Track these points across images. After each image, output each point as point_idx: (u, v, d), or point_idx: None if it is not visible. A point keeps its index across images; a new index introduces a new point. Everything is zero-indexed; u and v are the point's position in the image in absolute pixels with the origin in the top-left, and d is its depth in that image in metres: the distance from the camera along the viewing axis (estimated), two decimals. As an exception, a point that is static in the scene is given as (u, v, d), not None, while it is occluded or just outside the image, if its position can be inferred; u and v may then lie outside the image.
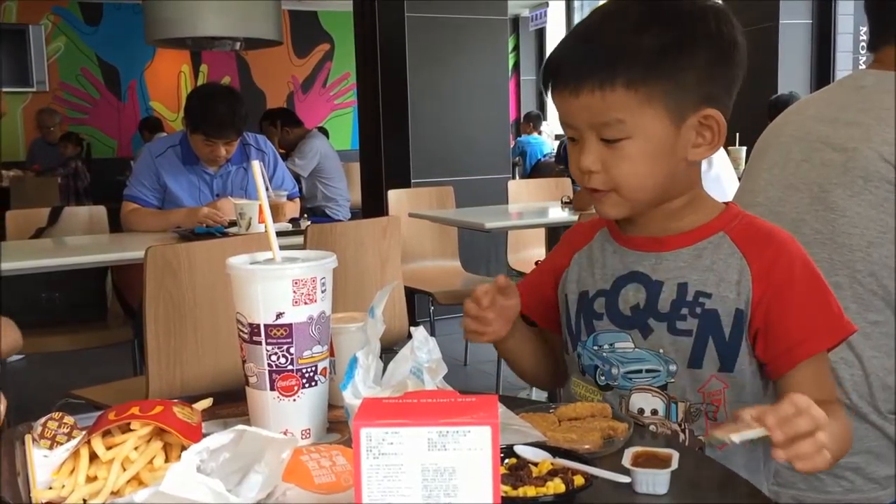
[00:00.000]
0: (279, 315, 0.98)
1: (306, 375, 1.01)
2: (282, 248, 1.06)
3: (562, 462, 0.87)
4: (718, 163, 2.94)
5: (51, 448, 0.98)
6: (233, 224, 2.91)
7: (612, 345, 1.15)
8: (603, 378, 1.16)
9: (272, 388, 1.00)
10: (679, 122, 1.06)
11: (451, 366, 0.98)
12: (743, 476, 0.93)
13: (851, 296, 1.29)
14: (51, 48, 8.99)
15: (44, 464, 0.94)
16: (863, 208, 1.29)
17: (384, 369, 0.99)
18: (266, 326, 0.99)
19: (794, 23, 5.80)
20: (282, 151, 4.92)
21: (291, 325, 0.99)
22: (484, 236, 4.32)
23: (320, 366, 1.02)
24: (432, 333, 0.99)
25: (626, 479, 0.86)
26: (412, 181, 5.04)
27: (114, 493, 0.84)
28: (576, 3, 10.26)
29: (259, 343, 0.99)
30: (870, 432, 1.32)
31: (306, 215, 3.41)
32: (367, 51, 5.17)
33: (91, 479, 0.86)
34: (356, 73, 5.48)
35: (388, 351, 0.99)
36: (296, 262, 1.03)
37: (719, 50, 1.07)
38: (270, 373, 1.00)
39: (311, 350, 1.01)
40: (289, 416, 1.01)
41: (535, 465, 0.87)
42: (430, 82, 5.16)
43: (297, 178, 4.79)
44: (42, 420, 1.01)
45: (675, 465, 0.86)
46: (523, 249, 4.30)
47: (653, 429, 1.11)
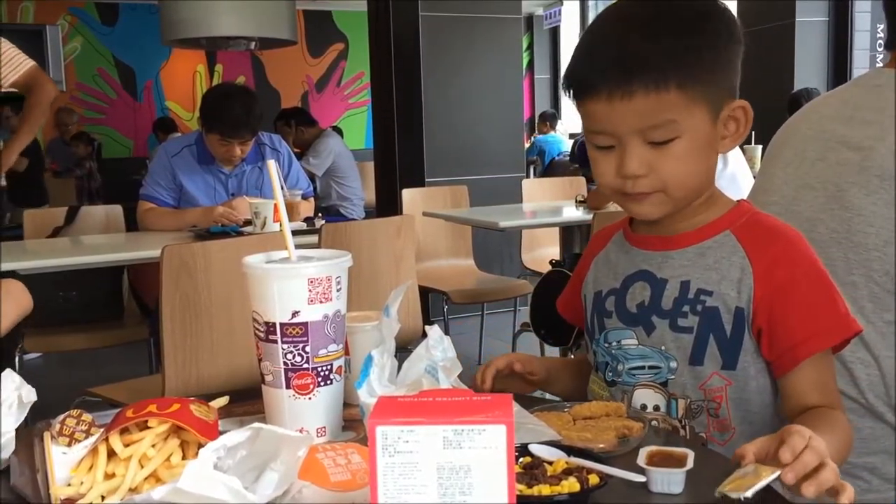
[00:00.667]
0: (295, 314, 0.99)
1: (322, 374, 1.01)
2: (296, 247, 1.07)
3: (576, 461, 0.87)
4: (734, 161, 2.92)
5: (69, 445, 0.99)
6: (248, 223, 2.93)
7: (619, 342, 1.17)
8: (610, 374, 1.17)
9: (288, 387, 1.01)
10: (716, 116, 1.08)
11: (465, 365, 0.98)
12: None
13: (868, 295, 1.29)
14: (67, 48, 9.05)
15: (62, 461, 0.95)
16: (879, 207, 1.28)
17: (399, 368, 0.99)
18: (282, 325, 0.99)
19: (811, 20, 5.77)
20: (296, 151, 4.93)
21: (307, 323, 0.99)
22: (498, 235, 4.32)
23: (335, 364, 1.03)
24: (446, 332, 0.99)
25: (641, 479, 0.85)
26: (426, 180, 5.05)
27: (132, 490, 0.85)
28: (590, 2, 10.24)
29: (275, 341, 1.00)
30: (886, 432, 1.31)
31: (321, 214, 3.42)
32: (382, 50, 5.18)
33: (109, 476, 0.87)
34: (370, 73, 5.49)
35: (403, 350, 0.99)
36: (311, 261, 1.04)
37: (736, 43, 1.10)
38: (286, 371, 1.01)
39: (326, 349, 1.01)
40: (304, 414, 1.02)
41: (550, 463, 0.87)
42: (444, 81, 5.16)
43: (312, 177, 4.80)
44: (60, 417, 1.02)
45: (690, 464, 0.86)
46: (537, 248, 4.29)
47: (654, 424, 1.11)
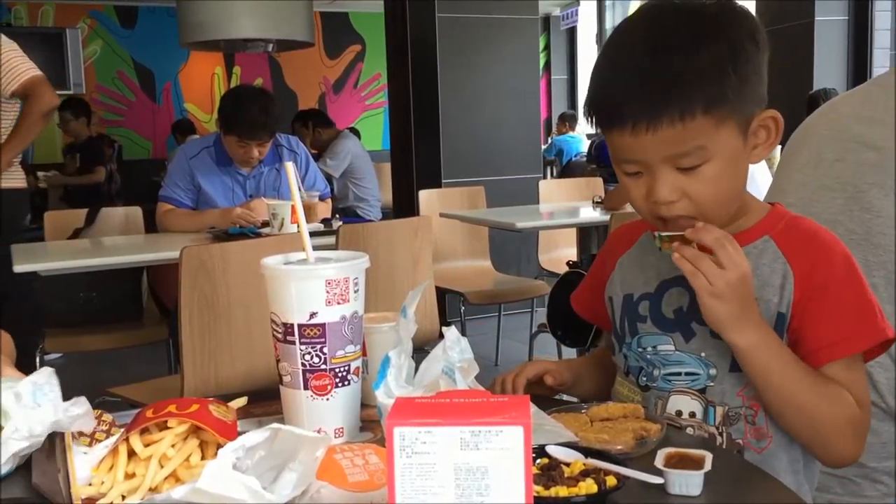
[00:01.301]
0: (312, 315, 0.99)
1: (339, 375, 1.02)
2: (314, 248, 1.07)
3: (594, 462, 0.87)
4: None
5: (90, 445, 1.00)
6: (265, 225, 2.94)
7: (655, 347, 1.15)
8: (644, 379, 1.16)
9: (306, 387, 1.01)
10: (745, 130, 1.06)
11: (482, 366, 0.98)
12: (786, 478, 0.92)
13: (887, 297, 1.27)
14: (87, 51, 9.13)
15: (83, 461, 0.96)
16: None
17: (416, 369, 0.99)
18: (300, 326, 1.00)
19: (830, 19, 5.72)
20: (314, 152, 4.95)
21: (325, 324, 1.00)
22: (515, 236, 4.32)
23: (353, 365, 1.03)
24: (463, 333, 0.99)
25: (658, 480, 0.85)
26: (443, 181, 5.05)
27: (152, 490, 0.86)
28: (607, 3, 10.21)
29: (293, 342, 1.00)
30: (906, 436, 1.30)
31: (338, 216, 3.43)
32: (398, 51, 5.19)
33: (129, 476, 0.88)
34: (387, 74, 5.51)
35: (420, 351, 0.99)
36: (329, 263, 1.04)
37: (761, 51, 1.06)
38: (304, 372, 1.01)
39: (344, 349, 1.02)
40: (322, 414, 1.02)
41: (567, 465, 0.87)
42: (461, 82, 5.16)
43: (329, 178, 4.82)
44: (82, 417, 1.03)
45: (708, 466, 0.86)
46: (554, 249, 4.29)
47: (690, 431, 1.11)
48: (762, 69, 1.07)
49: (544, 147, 8.49)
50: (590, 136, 9.42)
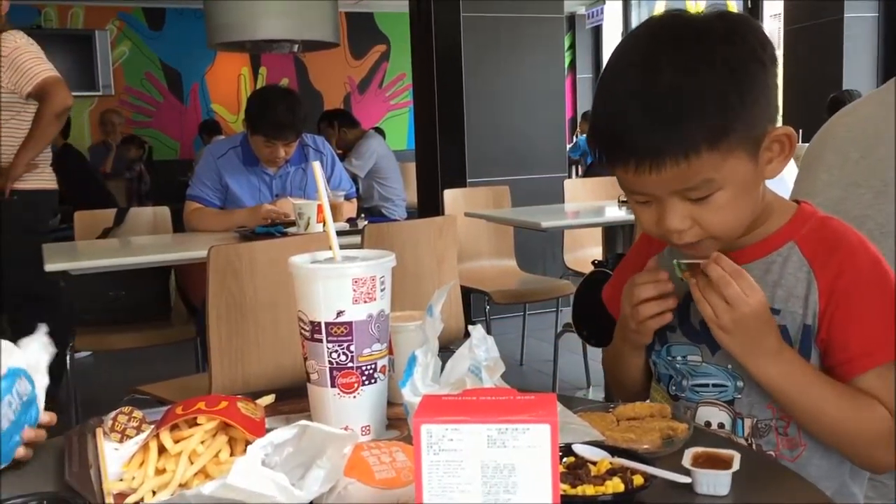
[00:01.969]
0: (339, 313, 1.00)
1: (366, 373, 1.02)
2: (340, 247, 1.08)
3: (621, 461, 0.87)
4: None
5: (121, 441, 1.02)
6: (291, 224, 2.96)
7: (685, 357, 1.15)
8: (673, 388, 1.16)
9: (333, 385, 1.02)
10: (756, 153, 1.02)
11: (507, 365, 0.98)
12: (826, 483, 0.91)
13: None
14: (116, 53, 9.23)
15: (114, 456, 0.97)
16: None
17: (442, 367, 0.99)
18: (327, 324, 1.00)
19: (860, 16, 5.64)
20: (339, 152, 4.98)
21: (352, 323, 1.00)
22: (540, 236, 4.30)
23: (380, 363, 1.04)
24: (488, 333, 0.99)
25: (686, 480, 0.85)
26: (468, 181, 5.05)
27: (182, 486, 0.87)
28: (633, 1, 10.15)
29: (320, 341, 1.01)
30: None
31: (363, 215, 3.45)
32: (423, 51, 5.20)
33: (160, 472, 0.89)
34: (412, 74, 5.52)
35: (445, 350, 1.00)
36: (355, 261, 1.05)
37: (764, 66, 1.01)
38: (331, 370, 1.02)
39: (370, 348, 1.02)
40: (349, 412, 1.03)
41: (594, 464, 0.87)
42: (486, 81, 5.16)
43: (354, 178, 4.84)
44: (112, 414, 1.05)
45: (736, 466, 0.85)
46: (580, 249, 4.27)
47: None
48: (771, 85, 1.01)
49: (569, 146, 8.46)
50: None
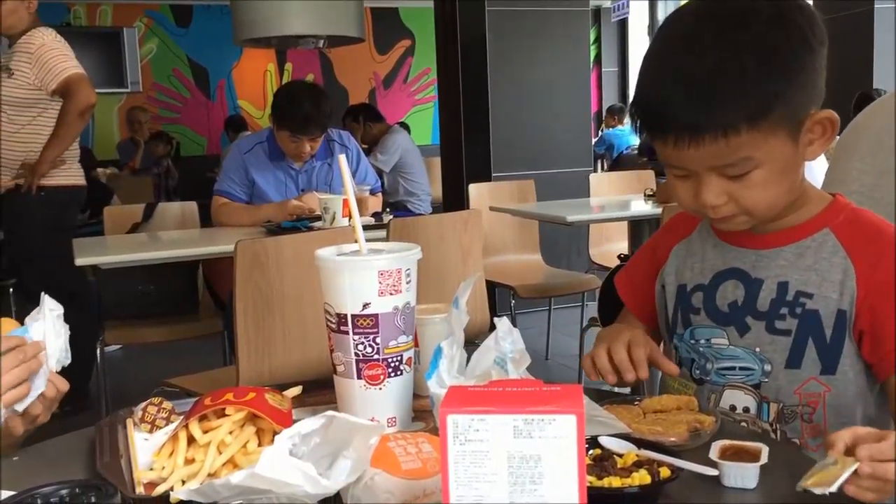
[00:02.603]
0: (366, 305, 1.01)
1: (392, 365, 1.03)
2: (365, 240, 1.09)
3: (647, 454, 0.86)
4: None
5: (151, 432, 1.03)
6: (317, 219, 2.97)
7: (709, 340, 1.14)
8: (697, 372, 1.15)
9: (359, 377, 1.03)
10: (797, 134, 1.02)
11: (532, 360, 0.98)
12: None
13: None
14: (144, 50, 9.32)
15: (144, 446, 0.99)
16: None
17: (467, 360, 1.00)
18: (353, 316, 1.01)
19: (891, 6, 5.54)
20: (364, 147, 4.99)
21: (377, 315, 1.01)
22: (565, 230, 4.30)
23: (405, 356, 1.04)
24: (513, 326, 0.99)
25: (713, 472, 0.84)
26: (493, 175, 5.05)
27: (210, 475, 0.88)
28: (659, -6, 10.06)
29: (346, 333, 1.02)
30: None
31: (388, 209, 3.45)
32: (448, 45, 5.19)
33: (189, 462, 0.90)
34: (437, 68, 5.51)
35: (470, 344, 1.00)
36: (381, 254, 1.05)
37: (811, 45, 1.00)
38: (357, 362, 1.02)
39: (396, 340, 1.03)
40: (375, 404, 1.03)
41: (620, 456, 0.87)
42: (511, 76, 5.14)
43: (380, 173, 4.85)
44: (142, 405, 1.06)
45: (764, 458, 0.85)
46: (605, 243, 4.26)
47: (743, 426, 1.10)
48: (818, 67, 1.01)
49: (595, 140, 8.42)
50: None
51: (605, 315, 2.11)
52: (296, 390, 1.08)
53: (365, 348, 1.02)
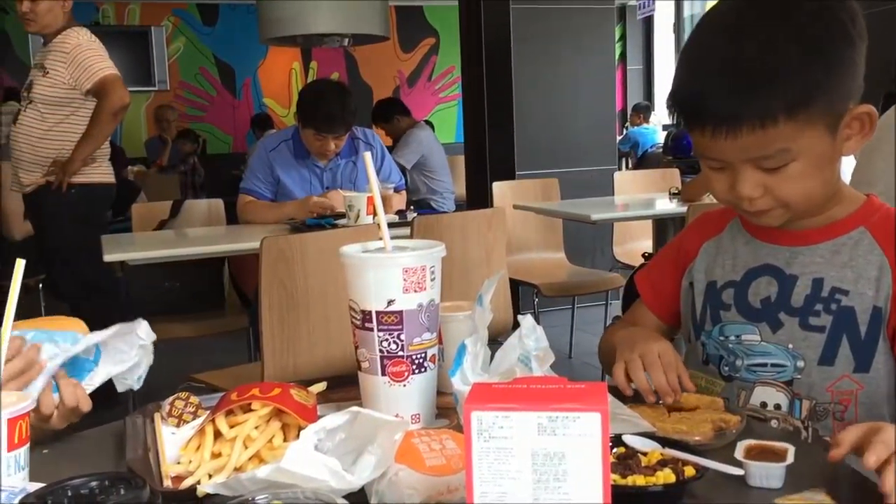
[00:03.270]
0: (390, 302, 1.01)
1: (416, 361, 1.03)
2: (390, 238, 1.09)
3: (671, 452, 0.86)
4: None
5: (178, 426, 1.05)
6: (341, 216, 2.99)
7: (739, 336, 1.14)
8: (726, 369, 1.15)
9: (383, 374, 1.03)
10: (836, 128, 1.02)
11: (555, 358, 0.98)
12: None
13: None
14: (171, 49, 9.40)
15: (172, 440, 1.00)
16: None
17: (491, 358, 1.00)
18: (378, 313, 1.01)
19: (922, 2, 5.46)
20: (388, 144, 5.00)
21: (402, 312, 1.01)
22: (589, 228, 4.27)
23: (429, 352, 1.05)
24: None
25: (738, 472, 0.84)
26: (517, 173, 5.03)
27: (237, 469, 0.89)
28: (686, -9, 9.99)
29: (371, 329, 1.02)
30: None
31: (412, 207, 3.46)
32: (472, 43, 5.19)
33: (215, 456, 0.91)
34: (461, 66, 5.51)
35: (493, 342, 1.00)
36: (406, 251, 1.06)
37: (853, 39, 1.00)
38: (382, 358, 1.03)
39: (420, 337, 1.03)
40: (399, 400, 1.04)
41: (644, 454, 0.86)
42: (536, 73, 5.13)
43: (403, 170, 4.85)
44: (170, 399, 1.08)
45: (790, 458, 0.84)
46: (629, 241, 4.24)
47: (774, 423, 1.09)
48: (858, 62, 1.01)
49: (619, 139, 8.38)
50: (666, 128, 9.26)
51: (629, 313, 2.09)
52: (320, 386, 1.08)
53: (389, 345, 1.02)
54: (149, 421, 1.07)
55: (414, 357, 1.03)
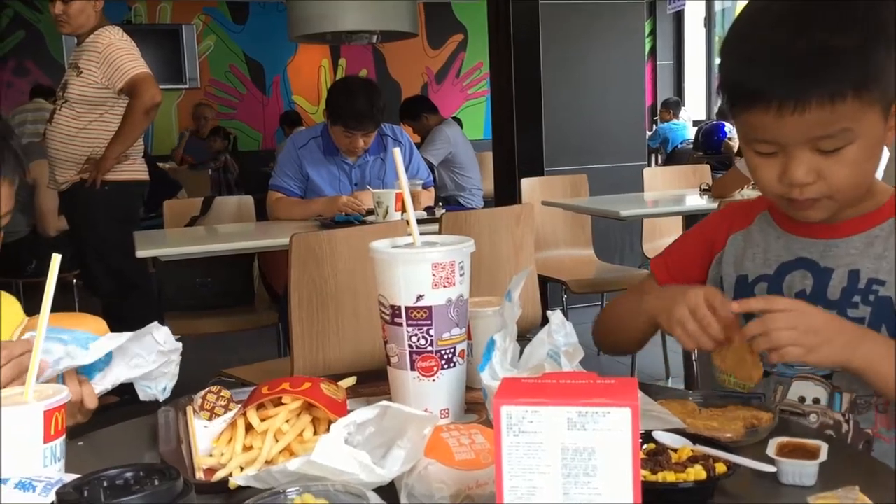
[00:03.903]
0: (419, 297, 1.01)
1: (445, 357, 1.04)
2: (419, 234, 1.09)
3: (702, 449, 0.85)
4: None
5: (210, 419, 1.06)
6: (370, 213, 3.00)
7: None
8: (764, 364, 1.13)
9: (412, 369, 1.04)
10: (887, 114, 1.02)
11: (584, 354, 0.97)
12: None
13: None
14: (202, 46, 9.48)
15: (204, 433, 1.01)
16: None
17: (520, 354, 1.00)
18: (407, 308, 1.02)
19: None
20: (416, 141, 5.01)
21: (431, 307, 1.02)
22: (618, 225, 4.25)
23: (458, 348, 1.05)
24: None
25: (770, 469, 0.83)
26: (545, 169, 5.02)
27: (268, 462, 0.90)
28: (717, -15, 9.88)
29: (400, 324, 1.03)
30: None
31: (440, 203, 3.46)
32: (501, 39, 5.17)
33: (247, 449, 0.92)
34: (489, 63, 5.50)
35: (521, 339, 1.00)
36: (435, 247, 1.06)
37: None
38: (411, 353, 1.03)
39: (449, 332, 1.03)
40: (428, 395, 1.04)
41: (675, 451, 0.86)
42: (564, 69, 5.11)
43: (431, 167, 4.86)
44: (202, 393, 1.09)
45: (823, 456, 0.83)
46: (659, 238, 4.20)
47: (813, 418, 1.08)
48: None
49: (649, 135, 8.31)
50: (696, 124, 9.17)
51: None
52: (350, 381, 1.09)
53: (418, 340, 1.03)
54: (181, 414, 1.09)
55: (443, 352, 1.03)
